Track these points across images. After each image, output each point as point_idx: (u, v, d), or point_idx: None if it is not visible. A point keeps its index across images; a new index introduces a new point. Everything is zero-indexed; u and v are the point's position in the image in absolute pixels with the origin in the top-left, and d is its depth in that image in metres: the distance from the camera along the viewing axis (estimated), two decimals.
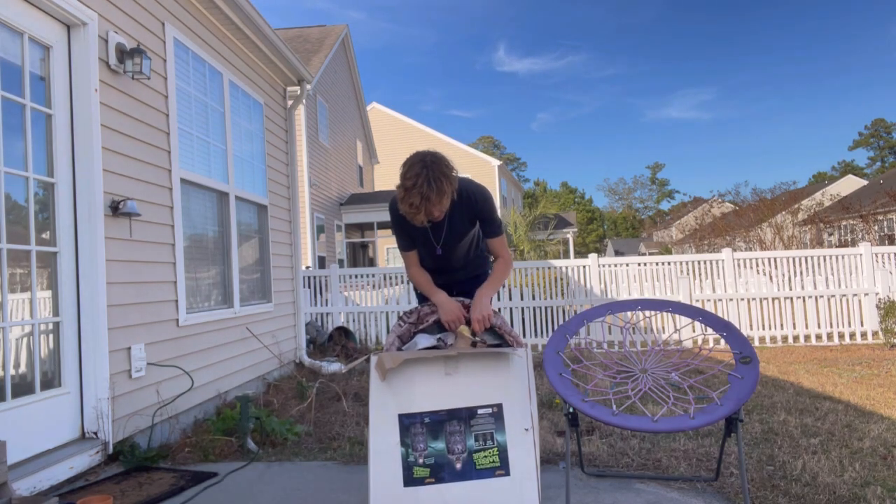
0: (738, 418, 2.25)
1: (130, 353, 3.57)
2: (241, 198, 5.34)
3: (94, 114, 3.36)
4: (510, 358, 2.30)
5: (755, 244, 19.66)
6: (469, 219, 2.69)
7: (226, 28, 5.19)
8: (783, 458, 3.19)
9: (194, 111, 4.61)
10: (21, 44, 3.07)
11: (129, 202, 3.54)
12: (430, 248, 2.75)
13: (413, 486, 2.20)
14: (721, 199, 29.10)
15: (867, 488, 2.72)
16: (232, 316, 4.97)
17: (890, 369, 5.70)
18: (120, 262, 3.54)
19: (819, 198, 23.76)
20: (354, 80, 19.39)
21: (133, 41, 3.80)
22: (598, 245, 64.46)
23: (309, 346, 7.55)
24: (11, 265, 2.95)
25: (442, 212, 2.51)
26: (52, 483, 2.93)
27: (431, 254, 2.76)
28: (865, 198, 22.89)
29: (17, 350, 2.98)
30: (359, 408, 4.69)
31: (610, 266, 8.45)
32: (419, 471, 2.22)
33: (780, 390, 4.89)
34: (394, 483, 2.21)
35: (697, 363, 2.58)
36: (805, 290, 7.81)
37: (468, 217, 2.68)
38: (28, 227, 3.05)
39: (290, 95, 6.82)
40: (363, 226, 18.64)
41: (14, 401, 2.90)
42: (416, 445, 2.24)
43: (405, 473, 2.22)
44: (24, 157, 3.05)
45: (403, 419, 2.27)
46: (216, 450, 3.59)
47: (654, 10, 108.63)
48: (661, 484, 2.87)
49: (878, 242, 20.50)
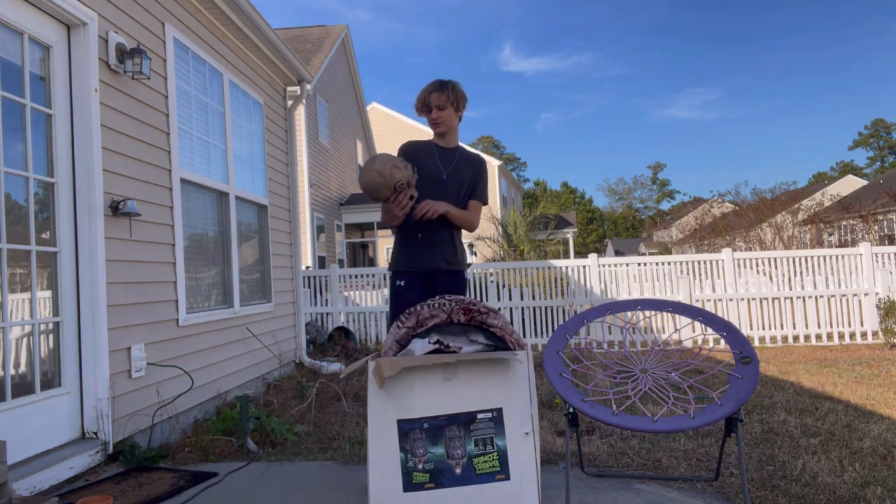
0: (738, 418, 2.25)
1: (130, 353, 3.57)
2: (241, 198, 5.34)
3: (94, 114, 3.36)
4: (510, 362, 2.30)
5: (755, 244, 19.66)
6: (470, 174, 3.05)
7: (226, 28, 5.19)
8: (783, 458, 3.19)
9: (194, 111, 4.61)
10: (21, 44, 3.07)
11: (129, 202, 3.54)
12: (435, 173, 2.97)
13: (413, 491, 2.20)
14: (721, 199, 29.08)
15: (867, 488, 2.72)
16: (232, 316, 4.96)
17: (890, 369, 5.70)
18: (120, 262, 3.54)
19: (819, 198, 23.74)
20: (354, 80, 19.39)
21: (133, 41, 3.79)
22: (598, 245, 64.45)
23: (309, 346, 7.55)
24: (11, 265, 2.95)
25: (440, 110, 2.94)
26: (52, 483, 2.93)
27: (434, 179, 2.96)
28: (865, 198, 22.90)
29: (17, 350, 2.98)
30: (359, 408, 4.69)
31: (610, 266, 8.45)
32: (419, 476, 2.22)
33: (780, 390, 4.89)
34: (393, 488, 2.21)
35: (697, 363, 2.58)
36: (805, 290, 7.81)
37: (471, 172, 3.06)
38: (28, 227, 3.05)
39: (290, 95, 6.81)
40: (363, 226, 18.65)
41: (14, 401, 2.90)
42: (415, 451, 2.24)
43: (405, 479, 2.21)
44: (24, 157, 3.04)
45: (402, 425, 2.27)
46: (216, 450, 3.59)
47: (659, 10, 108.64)
48: (661, 484, 2.87)
49: (878, 242, 20.51)
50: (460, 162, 3.02)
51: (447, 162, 3.00)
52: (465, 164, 3.03)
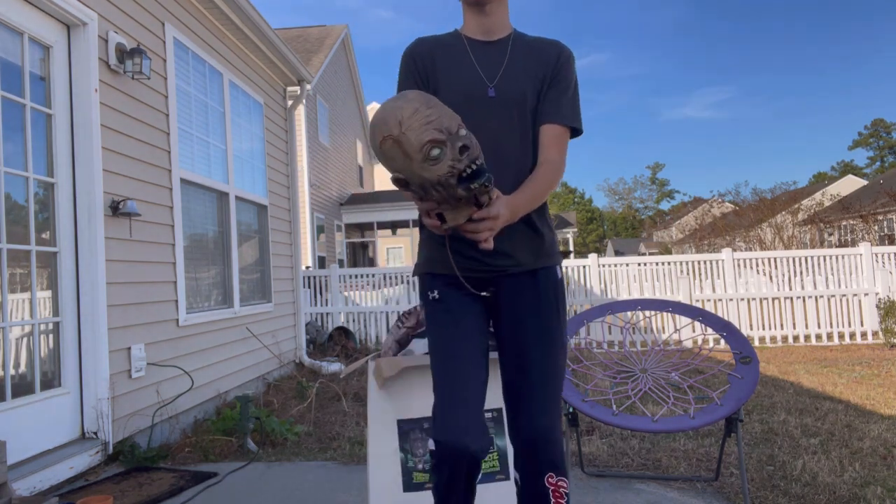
0: (738, 418, 2.25)
1: (130, 353, 3.57)
2: (241, 198, 5.34)
3: (94, 114, 3.36)
4: None
5: (755, 244, 19.65)
6: (536, 76, 1.65)
7: (226, 28, 5.19)
8: (783, 458, 3.19)
9: (194, 111, 4.61)
10: (21, 44, 3.07)
11: (129, 202, 3.54)
12: (475, 86, 1.62)
13: (413, 491, 2.20)
14: (721, 199, 29.07)
15: (867, 488, 2.72)
16: (232, 316, 4.96)
17: (890, 369, 5.69)
18: (120, 262, 3.54)
19: (819, 198, 23.72)
20: (354, 80, 19.39)
21: (133, 41, 3.79)
22: (598, 245, 64.47)
23: (309, 346, 7.55)
24: (11, 265, 2.95)
25: None
26: (51, 483, 2.92)
27: (473, 100, 1.61)
28: (865, 198, 22.89)
29: (17, 350, 2.98)
30: (359, 408, 4.69)
31: (610, 266, 8.45)
32: (419, 476, 2.22)
33: (780, 390, 4.89)
34: (393, 488, 2.21)
35: (697, 363, 2.58)
36: (805, 290, 7.80)
37: (536, 72, 1.65)
38: (28, 227, 3.05)
39: (289, 95, 6.82)
40: (363, 226, 18.63)
41: (14, 401, 2.90)
42: (415, 451, 2.24)
43: (405, 479, 2.22)
44: (24, 157, 3.05)
45: (402, 425, 2.27)
46: (216, 450, 3.59)
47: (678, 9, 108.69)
48: (661, 484, 2.87)
49: (878, 242, 20.50)
50: (518, 57, 1.66)
51: (493, 63, 1.65)
52: (528, 61, 1.66)
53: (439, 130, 1.21)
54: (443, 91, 1.63)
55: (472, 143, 1.24)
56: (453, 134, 1.22)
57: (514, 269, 1.61)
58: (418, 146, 1.20)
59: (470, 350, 1.58)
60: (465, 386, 1.52)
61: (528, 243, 1.62)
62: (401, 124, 1.21)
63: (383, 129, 1.22)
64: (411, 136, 1.20)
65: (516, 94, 1.62)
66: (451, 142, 1.21)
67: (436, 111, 1.23)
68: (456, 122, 1.24)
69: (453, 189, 1.22)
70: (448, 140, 1.21)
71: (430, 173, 1.22)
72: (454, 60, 1.65)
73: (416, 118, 1.20)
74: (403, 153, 1.21)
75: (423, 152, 1.20)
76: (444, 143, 1.20)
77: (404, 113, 1.21)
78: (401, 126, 1.20)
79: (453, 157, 1.21)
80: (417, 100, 1.23)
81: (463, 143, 1.22)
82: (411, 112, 1.21)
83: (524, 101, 1.63)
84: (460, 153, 1.21)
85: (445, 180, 1.22)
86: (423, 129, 1.20)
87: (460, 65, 1.64)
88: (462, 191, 1.22)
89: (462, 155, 1.21)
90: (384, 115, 1.23)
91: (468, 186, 1.22)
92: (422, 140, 1.20)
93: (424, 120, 1.21)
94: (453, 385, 1.52)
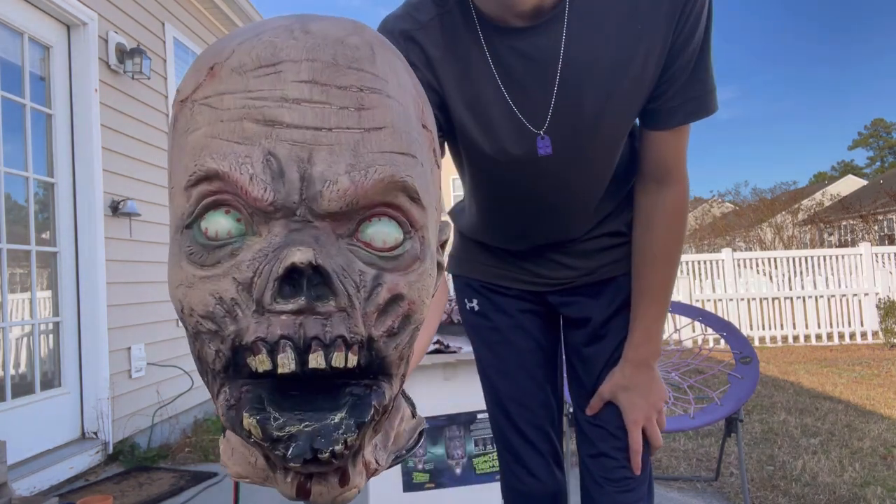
0: (738, 418, 2.25)
1: (130, 353, 3.57)
2: None
3: (94, 114, 3.36)
4: None
5: (755, 244, 19.66)
6: (638, 52, 0.84)
7: (226, 28, 5.19)
8: (783, 458, 3.19)
9: None
10: (21, 44, 3.07)
11: (129, 202, 3.54)
12: (510, 131, 0.88)
13: (412, 491, 2.20)
14: (721, 199, 29.08)
15: (867, 488, 2.72)
16: None
17: (890, 369, 5.70)
18: (120, 262, 3.54)
19: (819, 198, 23.73)
20: None
21: (133, 41, 3.79)
22: None
23: None
24: (11, 265, 2.95)
25: None
26: (52, 483, 2.92)
27: (514, 158, 0.90)
28: (865, 198, 22.89)
29: (18, 350, 2.98)
30: None
31: None
32: (418, 476, 2.22)
33: (780, 390, 4.89)
34: (393, 488, 2.21)
35: (697, 363, 2.58)
36: (805, 290, 7.80)
37: (637, 45, 0.83)
38: (28, 227, 3.05)
39: None
40: None
41: (14, 401, 2.90)
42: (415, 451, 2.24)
43: (404, 479, 2.22)
44: (24, 157, 3.05)
45: None
46: (216, 450, 3.59)
47: None
48: (661, 484, 2.87)
49: (878, 242, 20.49)
50: (590, 33, 0.83)
51: (537, 65, 0.84)
52: (613, 28, 0.83)
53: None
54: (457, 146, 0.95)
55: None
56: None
57: (582, 278, 1.14)
58: None
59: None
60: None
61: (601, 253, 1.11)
62: None
63: None
64: None
65: (597, 130, 0.88)
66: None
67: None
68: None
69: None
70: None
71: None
72: (468, 77, 0.87)
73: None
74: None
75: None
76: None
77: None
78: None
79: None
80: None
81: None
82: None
83: (618, 135, 0.92)
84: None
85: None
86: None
87: (474, 71, 0.87)
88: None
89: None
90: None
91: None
92: None
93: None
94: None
